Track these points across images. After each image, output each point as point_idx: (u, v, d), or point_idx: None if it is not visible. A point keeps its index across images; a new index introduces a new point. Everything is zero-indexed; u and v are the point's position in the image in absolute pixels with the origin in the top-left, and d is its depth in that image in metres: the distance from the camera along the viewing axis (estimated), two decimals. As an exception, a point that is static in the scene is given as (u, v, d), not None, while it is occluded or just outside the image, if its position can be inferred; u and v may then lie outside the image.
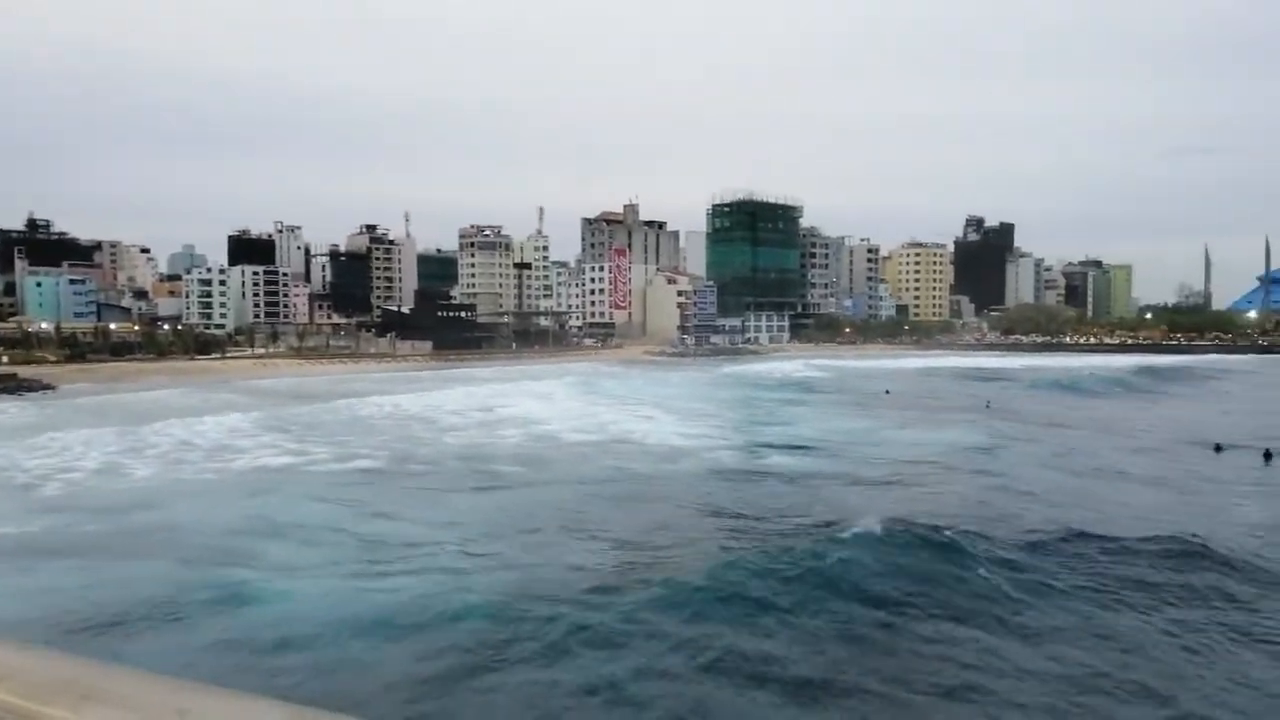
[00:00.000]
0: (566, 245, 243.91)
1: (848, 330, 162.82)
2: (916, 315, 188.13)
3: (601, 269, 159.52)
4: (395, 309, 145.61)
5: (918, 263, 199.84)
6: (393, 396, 62.38)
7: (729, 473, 31.68)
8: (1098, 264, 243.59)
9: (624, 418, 48.58)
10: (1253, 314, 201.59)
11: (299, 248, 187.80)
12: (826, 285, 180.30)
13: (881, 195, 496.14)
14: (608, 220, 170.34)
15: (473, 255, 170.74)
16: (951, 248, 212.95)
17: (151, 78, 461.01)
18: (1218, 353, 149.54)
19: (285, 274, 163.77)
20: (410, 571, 18.72)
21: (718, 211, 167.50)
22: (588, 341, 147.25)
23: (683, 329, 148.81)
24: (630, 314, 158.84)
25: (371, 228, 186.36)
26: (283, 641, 14.63)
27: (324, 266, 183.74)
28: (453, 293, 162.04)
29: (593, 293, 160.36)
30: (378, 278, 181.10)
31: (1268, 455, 34.79)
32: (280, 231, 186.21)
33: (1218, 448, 37.11)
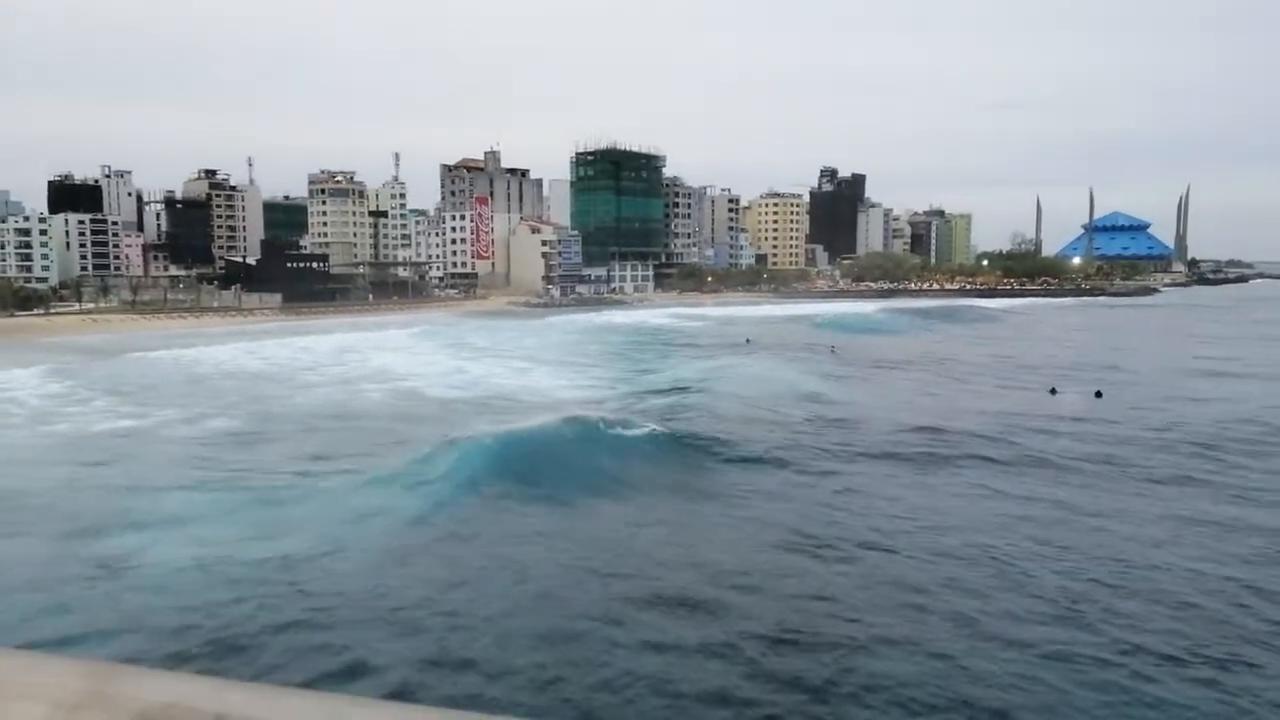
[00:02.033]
0: (425, 193, 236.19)
1: (710, 279, 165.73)
2: (775, 264, 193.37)
3: (463, 218, 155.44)
4: (240, 260, 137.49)
5: (776, 213, 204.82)
6: (234, 351, 59.44)
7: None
8: (940, 214, 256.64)
9: (497, 371, 48.07)
10: (1077, 260, 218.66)
11: (130, 194, 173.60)
12: (689, 235, 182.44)
13: (743, 149, 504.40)
14: (468, 168, 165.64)
15: (324, 203, 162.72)
16: (808, 198, 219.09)
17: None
18: (1045, 296, 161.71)
19: (115, 223, 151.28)
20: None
21: (581, 160, 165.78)
22: (450, 292, 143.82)
23: (548, 279, 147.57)
24: (494, 264, 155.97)
25: (211, 173, 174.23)
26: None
27: (159, 215, 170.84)
28: (303, 243, 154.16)
29: (454, 242, 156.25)
30: (220, 227, 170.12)
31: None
32: (108, 177, 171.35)
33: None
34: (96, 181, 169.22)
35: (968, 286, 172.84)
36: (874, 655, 13.19)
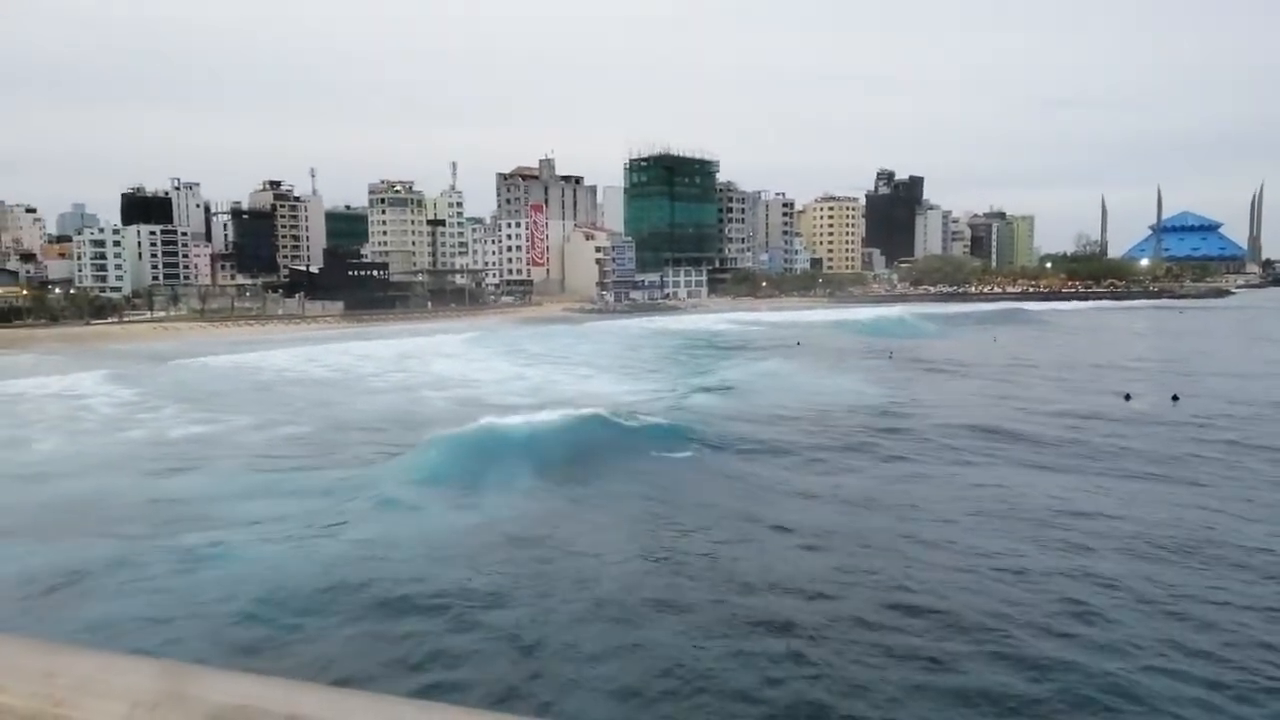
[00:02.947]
0: (481, 201, 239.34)
1: (764, 284, 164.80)
2: (830, 268, 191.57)
3: (518, 225, 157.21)
4: (303, 269, 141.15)
5: (831, 216, 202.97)
6: (298, 357, 60.95)
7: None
8: (1001, 215, 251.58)
9: (556, 377, 48.34)
10: (1145, 262, 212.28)
11: (198, 206, 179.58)
12: (743, 239, 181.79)
13: (797, 150, 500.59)
14: (523, 175, 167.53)
15: (384, 212, 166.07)
16: (863, 201, 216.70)
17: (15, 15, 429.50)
18: (1113, 299, 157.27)
19: (184, 233, 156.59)
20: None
21: (635, 166, 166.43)
22: (505, 299, 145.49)
23: (602, 285, 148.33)
24: (548, 270, 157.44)
25: (276, 184, 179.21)
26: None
27: (226, 225, 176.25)
28: (364, 251, 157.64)
29: (509, 249, 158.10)
30: (284, 236, 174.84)
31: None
32: (177, 189, 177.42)
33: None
34: (167, 193, 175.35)
35: (1030, 289, 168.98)
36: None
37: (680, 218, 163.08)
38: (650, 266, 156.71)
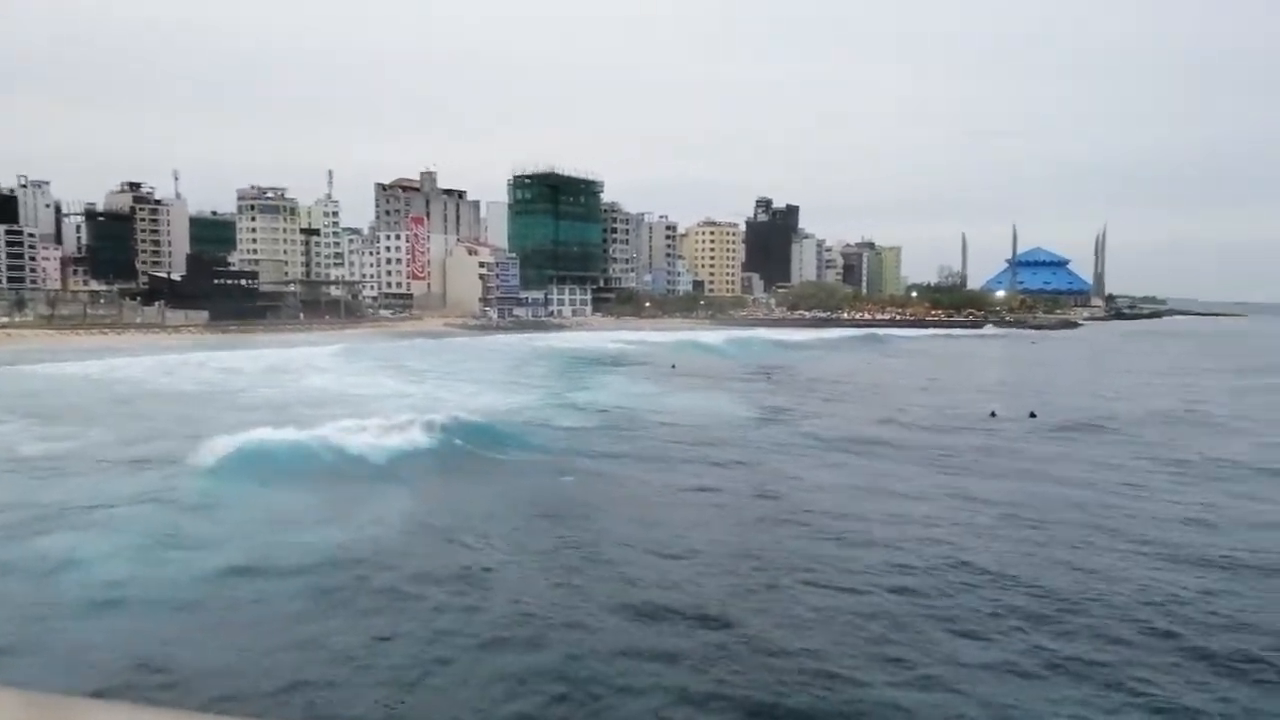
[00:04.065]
0: (359, 213, 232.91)
1: (648, 304, 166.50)
2: (712, 290, 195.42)
3: (398, 237, 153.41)
4: (164, 275, 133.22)
5: (713, 240, 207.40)
6: (157, 369, 57.39)
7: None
8: (871, 245, 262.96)
9: (443, 395, 46.81)
10: (1001, 293, 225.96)
11: (48, 205, 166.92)
12: (627, 260, 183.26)
13: (678, 175, 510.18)
14: (404, 187, 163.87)
15: (254, 219, 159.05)
16: (743, 227, 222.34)
17: None
18: (973, 327, 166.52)
19: (31, 234, 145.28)
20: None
21: (519, 183, 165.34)
22: (384, 313, 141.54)
23: (485, 301, 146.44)
24: (429, 285, 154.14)
25: (135, 185, 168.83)
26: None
27: (79, 227, 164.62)
28: (231, 259, 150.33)
29: (389, 262, 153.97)
30: (144, 241, 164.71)
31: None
32: (24, 186, 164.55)
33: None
34: (12, 191, 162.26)
35: (898, 316, 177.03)
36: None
37: (565, 236, 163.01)
38: (534, 284, 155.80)
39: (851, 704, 12.31)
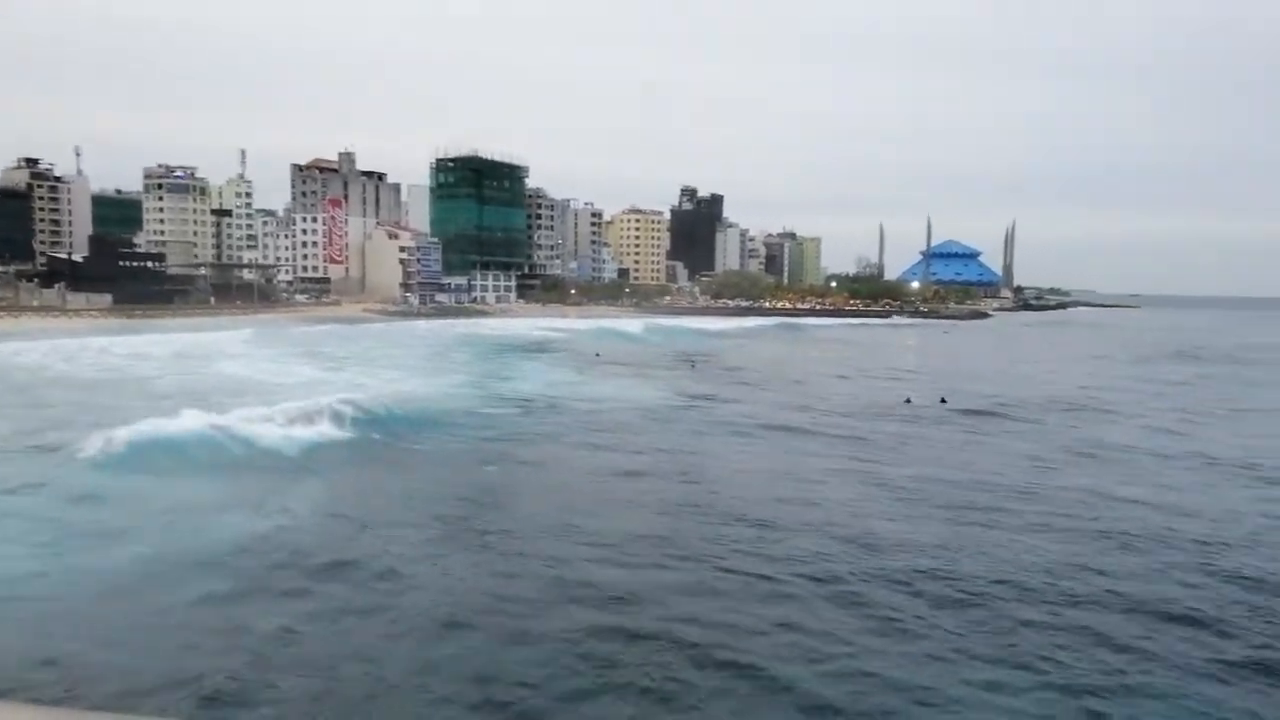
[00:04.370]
0: (274, 194, 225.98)
1: (573, 291, 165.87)
2: (637, 278, 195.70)
3: (315, 220, 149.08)
4: (65, 256, 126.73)
5: (638, 228, 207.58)
6: (56, 354, 54.75)
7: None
8: (792, 236, 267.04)
9: (365, 381, 45.73)
10: (916, 284, 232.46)
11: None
12: (552, 247, 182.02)
13: (604, 161, 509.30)
14: (320, 168, 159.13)
15: (161, 199, 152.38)
16: (669, 215, 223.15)
17: None
18: (889, 316, 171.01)
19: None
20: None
21: (442, 166, 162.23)
22: (300, 298, 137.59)
23: (406, 286, 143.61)
24: (348, 269, 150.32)
25: (33, 161, 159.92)
26: None
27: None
28: (137, 240, 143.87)
29: (305, 245, 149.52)
30: (42, 220, 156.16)
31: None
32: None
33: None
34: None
35: (818, 306, 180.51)
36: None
37: (489, 221, 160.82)
38: (457, 269, 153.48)
39: (769, 687, 12.62)
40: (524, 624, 14.56)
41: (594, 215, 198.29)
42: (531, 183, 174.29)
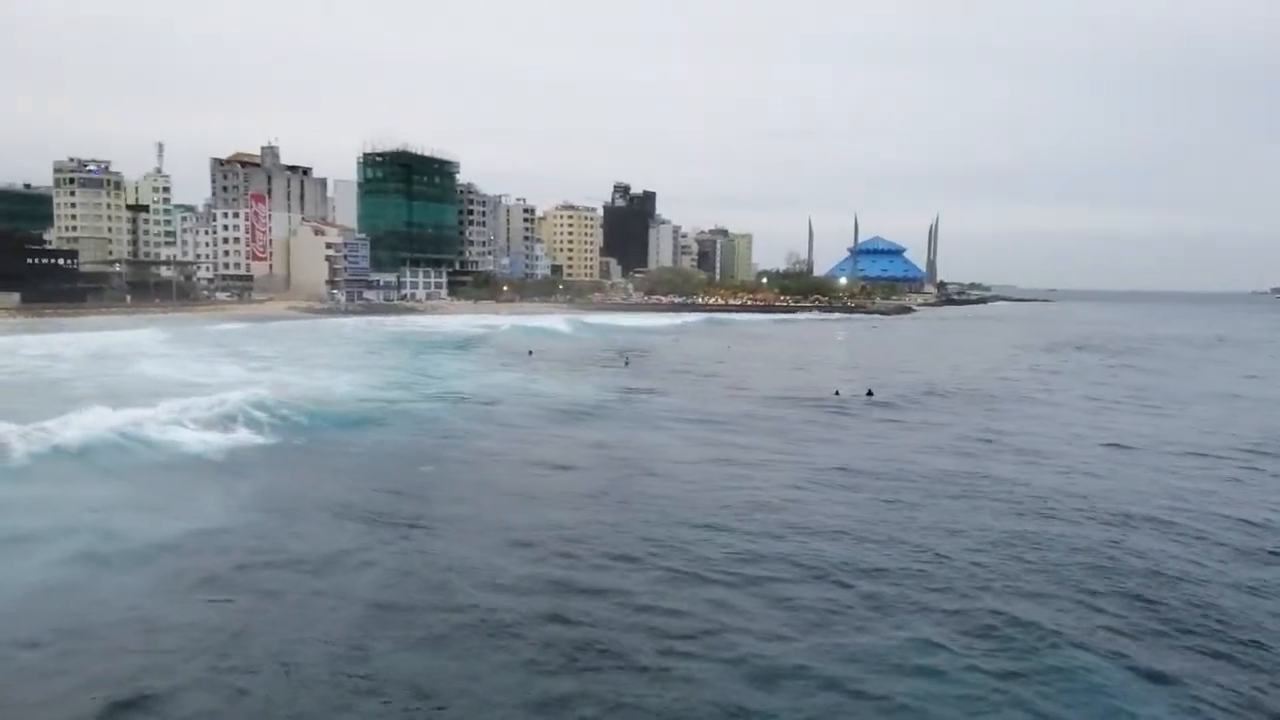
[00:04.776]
0: (193, 189, 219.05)
1: (506, 288, 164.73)
2: (571, 275, 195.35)
3: (236, 216, 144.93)
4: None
5: (571, 224, 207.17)
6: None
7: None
8: (724, 232, 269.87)
9: (295, 380, 44.60)
10: (844, 280, 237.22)
11: None
12: (484, 243, 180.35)
13: (537, 158, 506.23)
14: (242, 162, 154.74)
15: (73, 193, 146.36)
16: (601, 212, 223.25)
17: None
18: (819, 312, 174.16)
19: None
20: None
21: (369, 161, 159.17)
22: (221, 295, 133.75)
23: (333, 283, 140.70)
24: (272, 266, 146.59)
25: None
26: None
27: None
28: (48, 237, 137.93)
29: (226, 242, 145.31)
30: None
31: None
32: None
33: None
34: None
35: (750, 302, 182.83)
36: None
37: (419, 217, 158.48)
38: (387, 266, 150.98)
39: (698, 677, 12.92)
40: (455, 618, 14.58)
41: (526, 211, 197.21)
42: (463, 178, 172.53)
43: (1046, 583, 16.68)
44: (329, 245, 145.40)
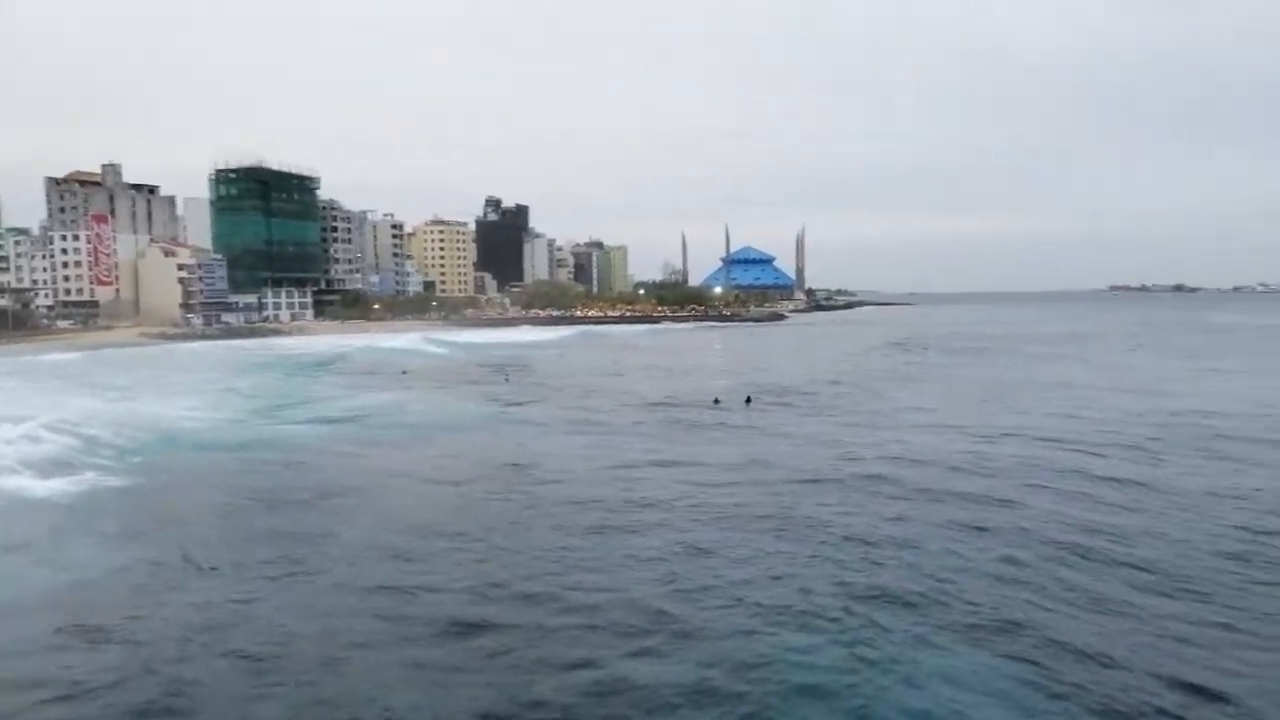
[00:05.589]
0: (26, 210, 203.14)
1: (376, 307, 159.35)
2: (444, 291, 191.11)
3: (76, 238, 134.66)
4: None
5: (442, 240, 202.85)
6: None
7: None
8: (599, 245, 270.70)
9: (163, 412, 41.13)
10: (718, 289, 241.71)
11: None
12: (351, 260, 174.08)
13: (404, 173, 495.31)
14: (81, 181, 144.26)
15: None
16: (473, 226, 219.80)
17: None
18: (695, 321, 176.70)
19: None
20: None
21: (223, 178, 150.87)
22: (63, 324, 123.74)
23: (187, 307, 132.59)
24: (119, 291, 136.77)
25: None
26: None
27: None
28: None
29: (66, 265, 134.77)
30: None
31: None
32: None
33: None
34: None
35: (628, 313, 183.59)
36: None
37: (279, 235, 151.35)
38: (246, 287, 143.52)
39: (599, 684, 12.35)
40: (344, 651, 13.54)
41: (395, 227, 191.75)
42: (325, 194, 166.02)
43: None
44: (181, 267, 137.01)
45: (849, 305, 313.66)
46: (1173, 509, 21.92)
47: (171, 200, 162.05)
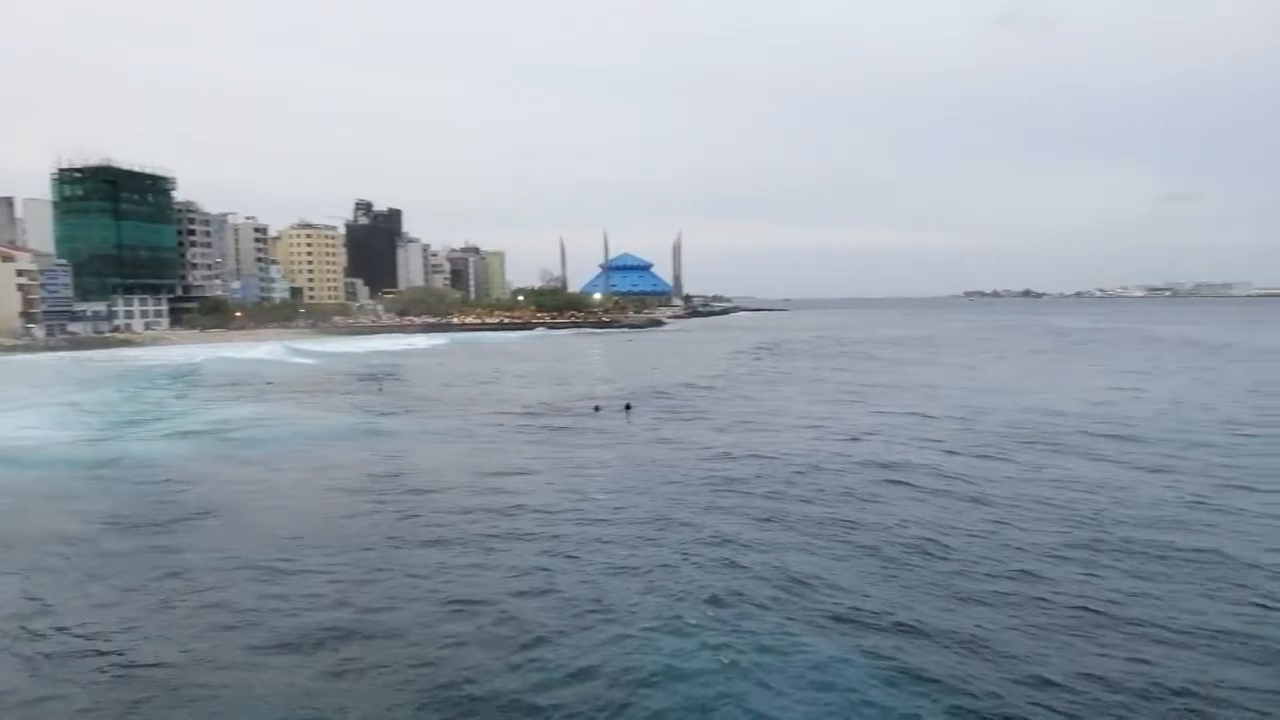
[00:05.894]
0: None
1: (239, 314, 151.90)
2: (312, 297, 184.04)
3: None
4: None
5: (310, 244, 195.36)
6: None
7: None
8: (476, 250, 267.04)
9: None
10: (598, 295, 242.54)
11: None
12: (210, 266, 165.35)
13: (268, 173, 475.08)
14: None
15: None
16: (343, 230, 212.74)
17: None
18: (575, 327, 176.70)
19: None
20: None
21: (67, 178, 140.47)
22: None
23: (29, 316, 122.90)
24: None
25: None
26: None
27: None
28: None
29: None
30: None
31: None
32: None
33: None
34: None
35: (506, 320, 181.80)
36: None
37: (130, 239, 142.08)
38: (94, 295, 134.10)
39: (484, 696, 12.35)
40: (210, 674, 12.97)
41: (258, 230, 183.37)
42: (181, 195, 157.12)
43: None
44: (21, 273, 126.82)
45: (725, 311, 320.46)
46: (1026, 501, 23.60)
47: (9, 201, 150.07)
